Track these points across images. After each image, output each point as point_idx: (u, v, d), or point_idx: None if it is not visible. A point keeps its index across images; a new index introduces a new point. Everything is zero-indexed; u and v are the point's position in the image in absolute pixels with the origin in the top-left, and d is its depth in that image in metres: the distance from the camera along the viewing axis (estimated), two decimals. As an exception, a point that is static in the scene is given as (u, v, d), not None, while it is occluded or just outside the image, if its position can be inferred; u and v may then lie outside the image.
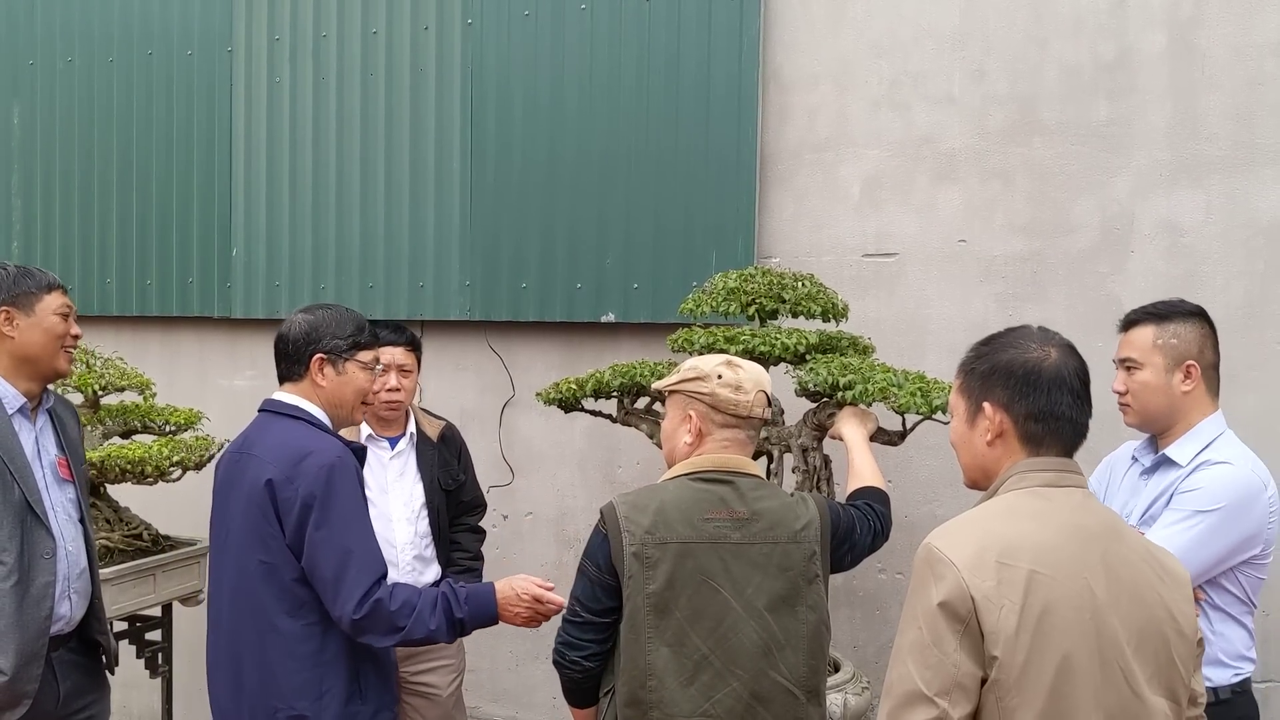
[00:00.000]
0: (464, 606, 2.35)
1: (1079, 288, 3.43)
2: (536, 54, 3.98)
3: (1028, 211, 3.48)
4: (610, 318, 3.90)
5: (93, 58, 4.68)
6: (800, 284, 2.91)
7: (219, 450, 3.73)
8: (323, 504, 2.27)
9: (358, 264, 4.26)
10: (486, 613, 2.38)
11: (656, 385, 2.33)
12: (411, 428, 3.28)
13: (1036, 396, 1.65)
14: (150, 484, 3.43)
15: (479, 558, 3.41)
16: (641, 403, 3.07)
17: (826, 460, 2.88)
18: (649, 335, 3.88)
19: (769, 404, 2.24)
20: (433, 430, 3.32)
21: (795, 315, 2.93)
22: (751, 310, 2.90)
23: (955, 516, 1.67)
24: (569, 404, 3.05)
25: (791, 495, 2.22)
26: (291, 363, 2.44)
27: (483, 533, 3.49)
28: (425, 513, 3.23)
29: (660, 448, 3.00)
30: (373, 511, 3.14)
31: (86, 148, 4.70)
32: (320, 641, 2.31)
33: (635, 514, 2.13)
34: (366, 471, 3.24)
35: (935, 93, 3.57)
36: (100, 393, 3.70)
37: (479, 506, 3.47)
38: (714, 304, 2.91)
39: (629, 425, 3.05)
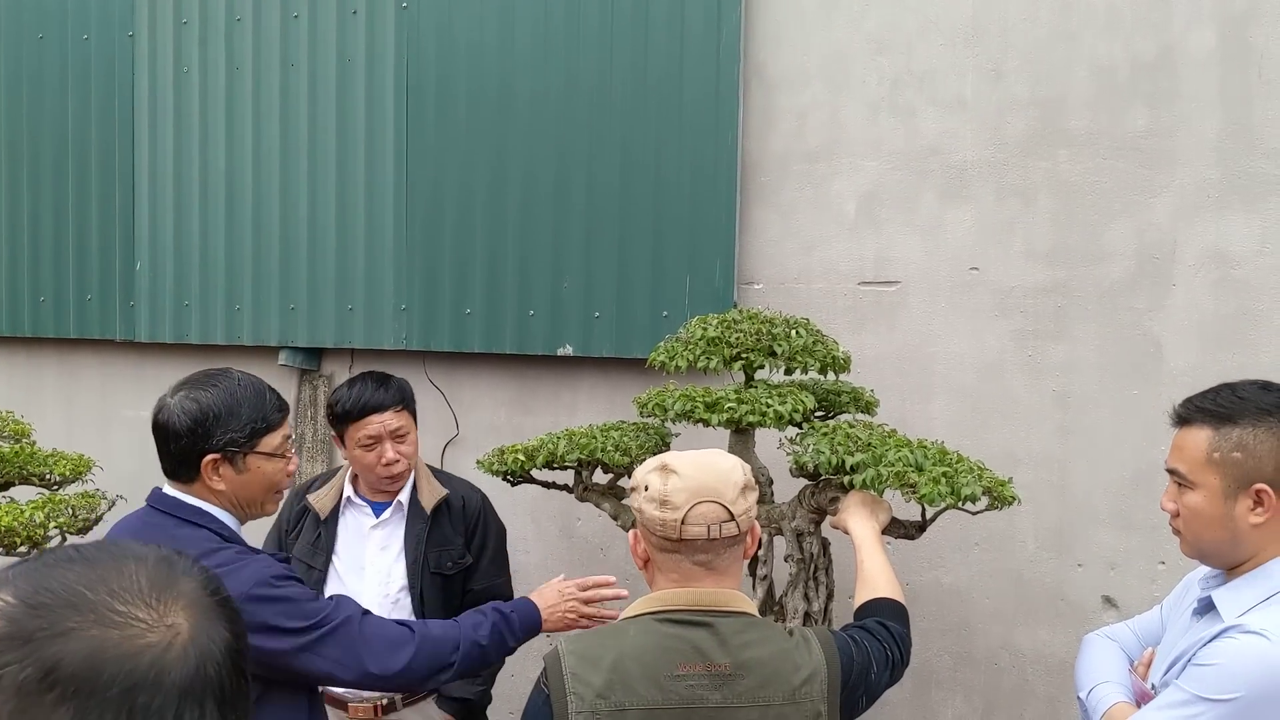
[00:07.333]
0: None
1: (1111, 325, 2.96)
2: (482, 43, 3.44)
3: (1051, 235, 3.01)
4: (568, 350, 3.38)
5: (-26, 41, 4.10)
6: (795, 332, 2.41)
7: (109, 509, 3.19)
8: None
9: (277, 282, 3.71)
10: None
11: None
12: (405, 494, 2.69)
13: None
14: (22, 556, 2.89)
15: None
16: (602, 476, 2.56)
17: (825, 545, 2.40)
18: (613, 371, 3.38)
19: (730, 517, 1.65)
20: (429, 498, 2.69)
21: (789, 372, 2.43)
22: (737, 366, 2.40)
23: None
24: (517, 476, 2.53)
25: (790, 634, 1.73)
26: (177, 462, 1.96)
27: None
28: (408, 599, 2.64)
29: (625, 530, 2.53)
30: (341, 589, 2.60)
31: (-31, 144, 4.12)
32: None
33: (585, 670, 1.63)
34: (340, 543, 2.69)
35: (944, 95, 3.08)
36: (-33, 441, 3.16)
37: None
38: (691, 357, 2.40)
39: (586, 502, 2.54)
